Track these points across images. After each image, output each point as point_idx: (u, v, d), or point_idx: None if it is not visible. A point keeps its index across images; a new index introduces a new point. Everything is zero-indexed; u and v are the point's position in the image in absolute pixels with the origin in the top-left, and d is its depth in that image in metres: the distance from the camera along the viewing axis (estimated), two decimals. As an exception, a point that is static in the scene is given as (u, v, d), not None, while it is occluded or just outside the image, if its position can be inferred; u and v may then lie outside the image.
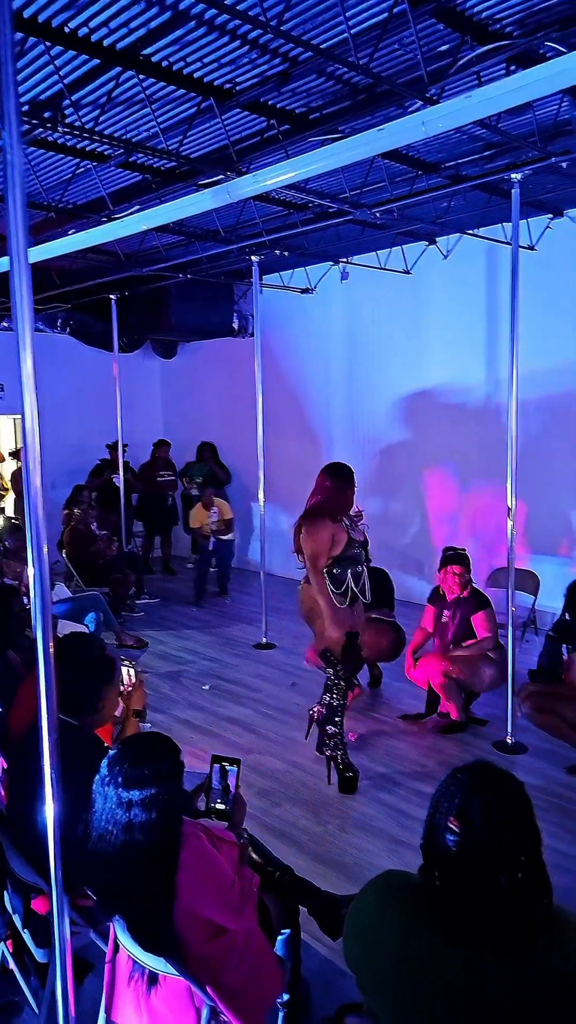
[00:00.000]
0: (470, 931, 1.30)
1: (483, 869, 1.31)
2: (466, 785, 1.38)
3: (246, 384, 6.49)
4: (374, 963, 1.39)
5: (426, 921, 1.34)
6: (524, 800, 1.39)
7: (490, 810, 1.34)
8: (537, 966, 1.28)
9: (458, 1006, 1.29)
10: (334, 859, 3.17)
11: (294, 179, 3.84)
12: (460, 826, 1.33)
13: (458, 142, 4.64)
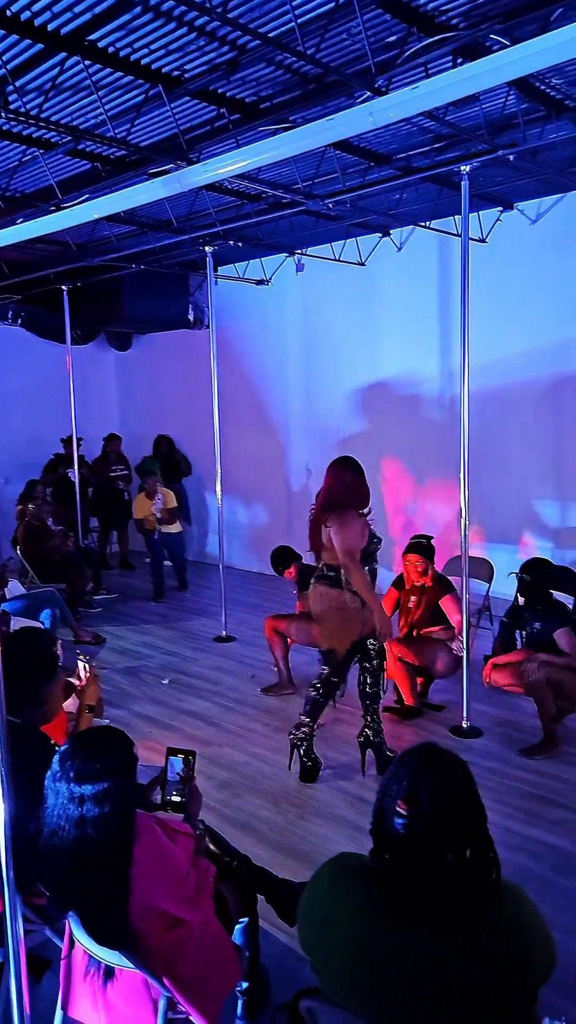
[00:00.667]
0: (420, 910, 1.32)
1: (432, 849, 1.33)
2: (413, 769, 1.40)
3: (202, 376, 6.45)
4: (327, 946, 1.40)
5: (377, 902, 1.36)
6: (469, 779, 1.42)
7: (437, 791, 1.36)
8: (486, 941, 1.31)
9: (411, 984, 1.31)
10: (293, 847, 3.20)
11: (245, 168, 3.80)
12: (408, 809, 1.35)
13: (408, 134, 4.67)
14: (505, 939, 1.33)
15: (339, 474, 3.70)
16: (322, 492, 3.75)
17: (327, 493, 3.69)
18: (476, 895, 1.33)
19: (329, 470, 3.76)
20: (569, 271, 5.83)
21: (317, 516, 3.68)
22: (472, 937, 1.31)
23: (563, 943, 2.61)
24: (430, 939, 1.31)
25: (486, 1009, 1.30)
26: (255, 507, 8.71)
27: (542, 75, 3.85)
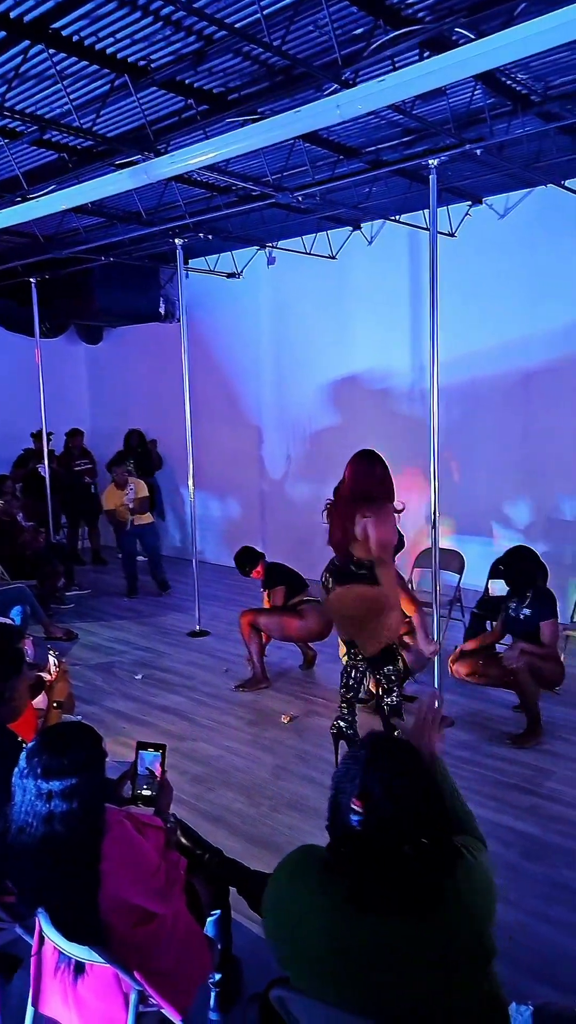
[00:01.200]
0: (381, 900, 1.34)
1: (389, 843, 1.34)
2: (364, 763, 1.40)
3: (174, 370, 6.41)
4: (291, 936, 1.42)
5: (338, 893, 1.37)
6: (421, 768, 1.43)
7: (389, 787, 1.36)
8: (443, 916, 1.34)
9: (374, 970, 1.33)
10: (267, 839, 3.21)
11: (213, 160, 3.80)
12: (363, 806, 1.35)
13: (376, 127, 4.68)
14: (460, 910, 1.36)
15: (367, 467, 3.55)
16: (346, 485, 3.56)
17: (355, 486, 3.51)
18: (433, 878, 1.36)
19: (353, 463, 3.59)
20: (536, 266, 5.89)
21: (346, 509, 3.46)
22: (430, 916, 1.34)
23: (531, 927, 2.68)
24: (391, 925, 1.33)
25: (448, 978, 1.33)
26: (228, 501, 8.69)
27: (508, 70, 3.88)
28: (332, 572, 3.64)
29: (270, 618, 4.90)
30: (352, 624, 3.62)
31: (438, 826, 1.39)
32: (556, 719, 4.27)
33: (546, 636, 4.06)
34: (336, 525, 3.53)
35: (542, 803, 3.44)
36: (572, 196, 5.44)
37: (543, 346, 5.94)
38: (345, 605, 3.57)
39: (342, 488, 3.62)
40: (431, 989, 1.32)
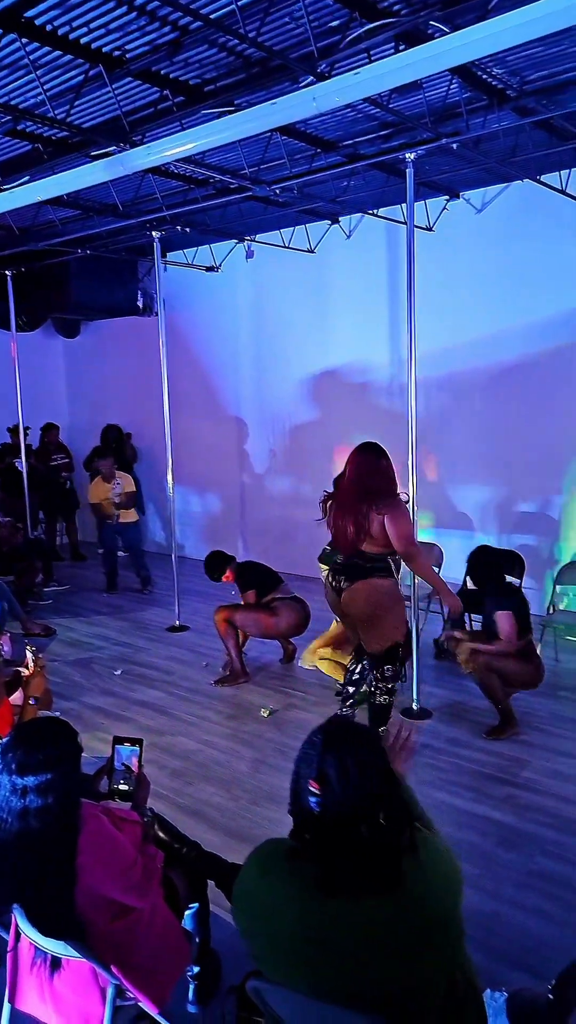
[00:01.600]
0: (345, 881, 1.37)
1: (347, 822, 1.38)
2: (320, 747, 1.44)
3: (153, 364, 6.37)
4: (263, 929, 1.44)
5: (304, 880, 1.40)
6: (376, 749, 1.47)
7: (344, 767, 1.40)
8: (408, 894, 1.37)
9: (344, 951, 1.35)
10: (246, 832, 3.21)
11: (190, 152, 3.77)
12: (319, 788, 1.40)
13: (354, 120, 4.67)
14: (424, 886, 1.40)
15: (372, 461, 3.49)
16: (350, 480, 3.49)
17: (362, 480, 3.45)
18: (394, 856, 1.39)
19: (357, 457, 3.53)
20: (513, 261, 5.93)
21: (355, 506, 3.41)
22: (395, 894, 1.37)
23: (506, 915, 2.72)
24: (357, 905, 1.36)
25: (418, 955, 1.36)
26: (208, 496, 8.67)
27: (483, 64, 3.89)
28: (341, 570, 3.57)
29: (245, 616, 4.90)
30: (360, 621, 3.59)
31: (394, 805, 1.43)
32: (534, 709, 4.33)
33: (502, 630, 4.02)
34: (346, 521, 3.45)
35: (517, 792, 3.48)
36: (548, 191, 5.48)
37: (520, 340, 5.98)
38: (357, 602, 3.52)
39: (344, 482, 3.55)
40: (401, 968, 1.35)
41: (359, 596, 3.50)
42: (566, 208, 5.57)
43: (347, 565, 3.54)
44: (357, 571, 3.49)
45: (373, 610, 3.49)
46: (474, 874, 2.85)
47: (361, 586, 3.48)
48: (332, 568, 3.68)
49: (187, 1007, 2.28)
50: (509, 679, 4.05)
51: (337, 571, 3.60)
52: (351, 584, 3.51)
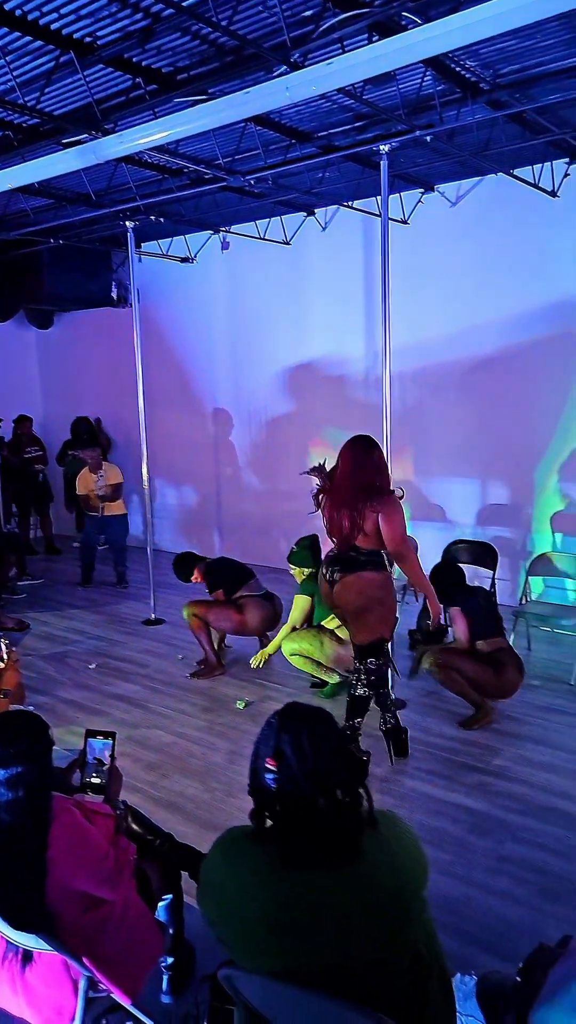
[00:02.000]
0: (305, 855, 1.40)
1: (303, 797, 1.42)
2: (276, 726, 1.50)
3: (127, 356, 6.32)
4: (226, 914, 1.45)
5: (265, 860, 1.43)
6: (330, 728, 1.52)
7: (298, 742, 1.46)
8: (368, 867, 1.41)
9: (309, 927, 1.37)
10: (221, 824, 3.22)
11: (163, 140, 3.75)
12: (276, 764, 1.44)
13: (328, 112, 4.66)
14: (384, 860, 1.43)
15: (363, 455, 3.50)
16: (345, 474, 3.50)
17: (356, 475, 3.46)
18: (352, 829, 1.44)
19: (349, 450, 3.53)
20: (487, 254, 5.96)
21: (351, 501, 3.41)
22: (355, 867, 1.40)
23: (477, 899, 2.75)
24: (318, 879, 1.39)
25: (380, 926, 1.38)
26: (184, 488, 8.63)
27: (456, 57, 3.89)
28: (335, 562, 3.56)
29: (214, 613, 4.90)
30: (349, 613, 3.60)
31: (349, 778, 1.47)
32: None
33: (456, 630, 4.03)
34: (341, 516, 3.46)
35: (489, 780, 3.52)
36: (521, 185, 5.51)
37: (494, 334, 6.02)
38: (348, 595, 3.52)
39: (338, 476, 3.54)
40: (363, 941, 1.37)
41: (350, 589, 3.51)
42: (539, 202, 5.61)
43: (341, 557, 3.54)
44: (350, 564, 3.50)
45: (363, 603, 3.51)
46: (446, 860, 2.89)
47: (352, 579, 3.49)
48: (325, 559, 3.66)
49: (161, 998, 2.29)
50: (474, 684, 4.02)
51: (330, 563, 3.60)
52: (343, 576, 3.51)
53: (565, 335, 5.68)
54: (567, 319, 5.66)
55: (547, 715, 4.22)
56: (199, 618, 4.86)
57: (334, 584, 3.56)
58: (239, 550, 7.75)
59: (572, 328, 5.64)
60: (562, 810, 3.25)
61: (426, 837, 3.02)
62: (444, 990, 1.62)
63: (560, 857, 2.92)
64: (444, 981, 1.63)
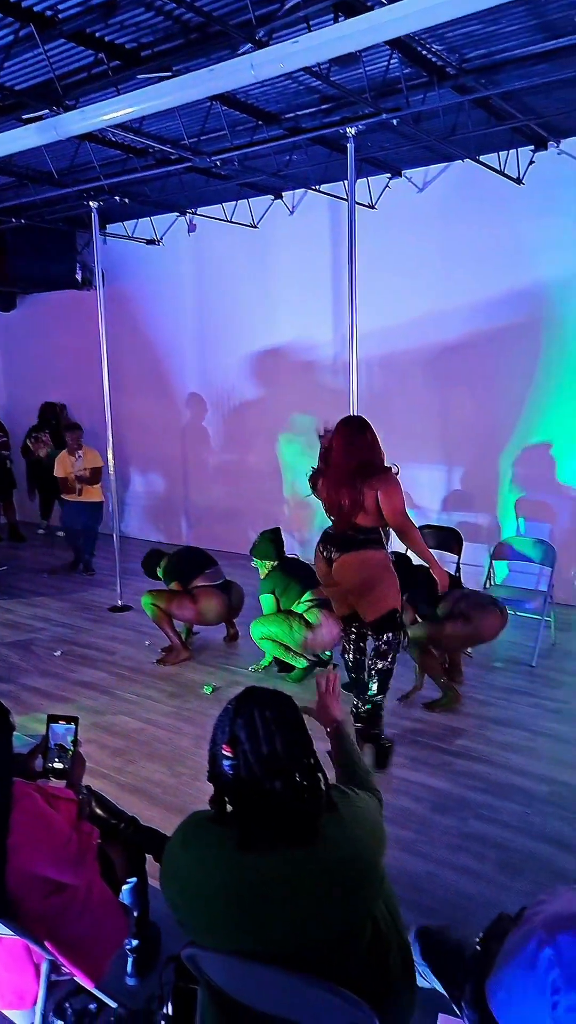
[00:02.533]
0: (263, 838, 1.41)
1: (259, 781, 1.43)
2: (231, 712, 1.50)
3: (93, 339, 6.22)
4: (186, 897, 1.46)
5: (225, 843, 1.44)
6: (286, 711, 1.51)
7: (252, 726, 1.46)
8: (327, 846, 1.42)
9: (268, 907, 1.39)
10: (187, 807, 3.21)
11: (125, 117, 3.68)
12: (232, 750, 1.45)
13: (296, 93, 4.62)
14: (343, 840, 1.45)
15: (356, 435, 3.50)
16: (341, 454, 3.48)
17: (351, 456, 3.45)
18: (309, 813, 1.45)
19: (342, 431, 3.52)
20: (453, 240, 5.98)
21: (349, 481, 3.41)
22: (313, 849, 1.42)
23: (439, 876, 2.80)
24: (276, 862, 1.40)
25: (338, 905, 1.40)
26: (151, 474, 8.56)
27: (423, 40, 3.88)
28: (332, 543, 3.55)
29: (176, 605, 4.87)
30: (352, 592, 3.58)
31: (306, 762, 1.47)
32: (468, 679, 4.45)
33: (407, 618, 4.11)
34: (340, 495, 3.45)
35: (452, 760, 3.58)
36: (488, 172, 5.54)
37: (460, 320, 6.06)
38: (348, 573, 3.52)
39: (334, 457, 3.52)
40: (322, 920, 1.39)
41: (350, 567, 3.52)
42: (505, 189, 5.64)
43: (339, 537, 3.54)
44: (349, 543, 3.50)
45: (366, 580, 3.52)
46: (409, 838, 2.94)
47: (352, 558, 3.50)
48: (323, 538, 3.65)
49: (126, 980, 2.29)
50: (459, 641, 4.09)
51: (328, 542, 3.60)
52: (342, 555, 3.52)
53: (530, 322, 5.74)
54: (532, 306, 5.72)
55: (509, 696, 4.30)
56: (156, 607, 4.84)
57: (331, 563, 3.56)
58: (208, 537, 7.73)
59: (537, 315, 5.71)
60: (522, 787, 3.33)
61: (389, 816, 3.05)
62: (404, 964, 1.65)
63: (519, 833, 2.99)
64: (405, 955, 1.67)
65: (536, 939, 1.39)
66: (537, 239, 5.61)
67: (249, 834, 1.42)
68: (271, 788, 1.42)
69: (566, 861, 2.78)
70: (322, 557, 3.63)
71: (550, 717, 4.02)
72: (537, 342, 5.73)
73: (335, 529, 3.57)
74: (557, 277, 5.57)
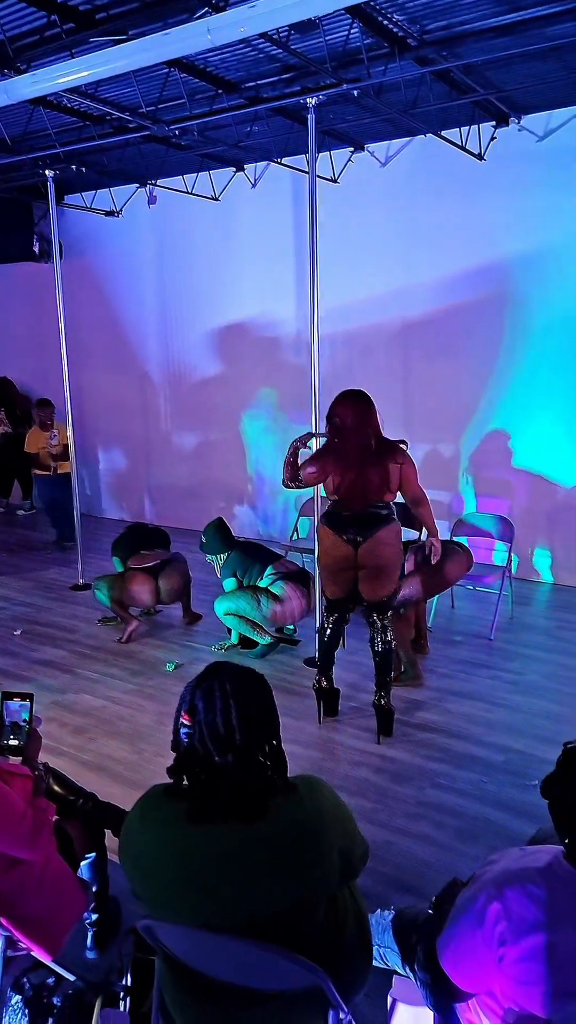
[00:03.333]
0: (214, 810, 1.42)
1: (212, 753, 1.43)
2: (194, 685, 1.51)
3: (50, 313, 6.08)
4: (142, 869, 1.47)
5: (178, 815, 1.44)
6: (250, 686, 1.51)
7: (211, 698, 1.46)
8: (279, 826, 1.43)
9: (217, 879, 1.40)
10: (147, 783, 3.17)
11: (79, 81, 3.58)
12: (190, 720, 1.46)
13: (256, 61, 4.53)
14: (295, 821, 1.45)
15: (369, 414, 3.50)
16: (361, 434, 3.43)
17: (369, 433, 3.45)
18: (260, 789, 1.44)
19: (352, 408, 3.48)
20: (416, 216, 5.97)
21: (376, 460, 3.40)
22: (265, 823, 1.42)
23: (396, 843, 2.86)
24: (226, 835, 1.41)
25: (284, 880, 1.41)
26: (113, 451, 8.45)
27: (383, 9, 3.83)
28: (353, 524, 3.43)
29: (119, 588, 4.87)
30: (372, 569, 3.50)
31: (261, 742, 1.47)
32: (430, 653, 4.52)
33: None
34: (367, 474, 3.39)
35: (411, 731, 3.65)
36: (450, 147, 5.51)
37: (422, 297, 6.06)
38: (381, 550, 3.45)
39: (353, 437, 3.44)
40: (272, 893, 1.40)
41: (383, 543, 3.44)
42: (467, 165, 5.63)
43: (360, 517, 3.44)
44: (375, 520, 3.43)
45: (392, 556, 3.50)
46: (367, 807, 2.99)
47: (384, 534, 3.44)
48: (336, 522, 3.48)
49: (86, 953, 2.30)
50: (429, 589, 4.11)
51: (346, 524, 3.45)
52: (372, 533, 3.42)
53: (492, 298, 5.77)
54: (494, 282, 5.74)
55: (468, 668, 4.38)
56: (113, 600, 4.84)
57: (359, 545, 3.43)
58: (171, 514, 7.69)
59: (499, 291, 5.74)
60: (478, 757, 3.40)
61: (349, 787, 3.12)
62: (361, 930, 1.68)
63: (476, 800, 3.07)
64: (361, 921, 1.70)
65: (484, 896, 1.43)
66: (499, 216, 5.62)
67: (200, 807, 1.43)
68: (223, 762, 1.43)
69: (520, 826, 2.86)
70: (343, 542, 3.46)
71: (507, 689, 4.10)
72: (500, 319, 5.77)
73: (352, 509, 3.45)
74: (519, 254, 5.60)
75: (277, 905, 1.41)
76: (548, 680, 4.21)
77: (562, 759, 1.42)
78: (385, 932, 1.97)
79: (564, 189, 5.33)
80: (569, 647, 4.68)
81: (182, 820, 1.43)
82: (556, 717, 3.75)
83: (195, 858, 1.41)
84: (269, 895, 1.40)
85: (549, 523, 5.89)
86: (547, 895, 1.37)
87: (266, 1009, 1.51)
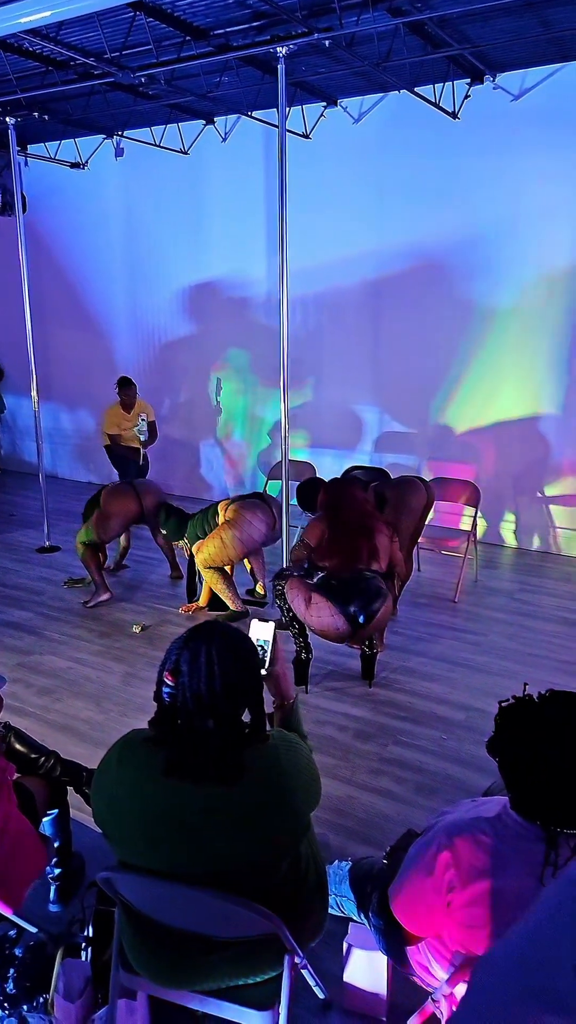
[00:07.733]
0: (187, 766, 1.43)
1: (193, 715, 1.44)
2: (180, 645, 1.49)
3: (13, 269, 5.90)
4: (115, 814, 1.48)
5: (155, 764, 1.45)
6: (239, 650, 1.50)
7: (196, 662, 1.45)
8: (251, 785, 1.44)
9: (187, 833, 1.42)
10: (112, 742, 3.25)
11: (39, 22, 3.42)
12: (173, 680, 1.45)
13: (225, 7, 4.37)
14: (272, 783, 1.47)
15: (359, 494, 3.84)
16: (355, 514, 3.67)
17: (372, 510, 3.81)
18: (237, 754, 1.45)
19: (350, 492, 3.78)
20: (388, 174, 5.87)
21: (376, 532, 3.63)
22: (239, 786, 1.43)
23: (358, 798, 2.92)
24: (199, 793, 1.43)
25: (252, 841, 1.43)
26: (80, 413, 8.31)
27: (357, -46, 3.71)
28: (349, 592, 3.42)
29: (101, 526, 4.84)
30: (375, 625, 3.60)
31: (244, 704, 1.48)
32: (397, 615, 4.58)
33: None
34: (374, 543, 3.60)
35: (375, 690, 3.71)
36: (424, 105, 5.41)
37: (394, 257, 6.00)
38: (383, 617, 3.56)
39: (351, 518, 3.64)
40: (238, 849, 1.43)
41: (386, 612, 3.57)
42: (440, 123, 5.54)
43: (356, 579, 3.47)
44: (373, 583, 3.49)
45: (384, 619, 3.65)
46: (331, 764, 3.05)
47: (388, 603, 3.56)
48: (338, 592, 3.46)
49: (49, 907, 2.33)
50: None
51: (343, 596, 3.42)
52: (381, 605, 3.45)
53: (464, 261, 5.73)
54: (467, 243, 5.69)
55: (431, 629, 4.46)
56: (84, 545, 4.80)
57: (371, 618, 3.41)
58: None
59: (471, 254, 5.69)
60: (439, 715, 3.48)
61: (315, 745, 3.16)
62: (319, 882, 1.72)
63: (436, 756, 3.14)
64: (319, 874, 1.74)
65: (436, 845, 1.47)
66: (472, 176, 5.56)
67: (176, 762, 1.43)
68: (203, 725, 1.43)
69: (479, 780, 2.94)
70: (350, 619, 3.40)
71: (469, 649, 4.19)
72: (471, 281, 5.74)
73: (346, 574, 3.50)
74: (492, 214, 5.55)
75: (245, 857, 1.43)
76: (510, 640, 4.30)
77: (499, 717, 1.46)
78: (342, 882, 2.02)
79: (538, 149, 5.27)
80: (530, 609, 4.78)
81: (159, 770, 1.44)
82: (517, 676, 3.84)
83: (165, 810, 1.43)
84: (239, 847, 1.42)
85: (515, 488, 5.96)
86: (494, 843, 1.41)
87: (224, 955, 1.55)
